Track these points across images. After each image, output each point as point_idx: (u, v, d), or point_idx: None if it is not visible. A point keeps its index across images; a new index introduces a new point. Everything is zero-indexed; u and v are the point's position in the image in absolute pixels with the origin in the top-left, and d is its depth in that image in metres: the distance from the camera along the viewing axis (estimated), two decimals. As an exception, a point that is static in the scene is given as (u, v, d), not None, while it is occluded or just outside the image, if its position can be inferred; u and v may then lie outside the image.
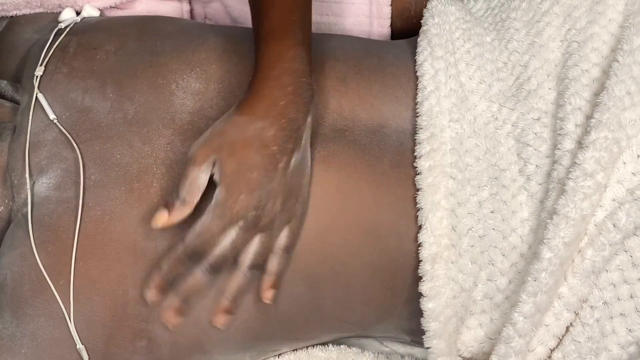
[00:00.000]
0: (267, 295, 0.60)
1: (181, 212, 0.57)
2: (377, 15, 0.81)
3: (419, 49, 0.69)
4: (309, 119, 0.60)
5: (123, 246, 0.61)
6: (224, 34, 0.71)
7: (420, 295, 0.61)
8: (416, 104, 0.66)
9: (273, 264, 0.60)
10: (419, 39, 0.70)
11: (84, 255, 0.60)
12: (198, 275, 0.58)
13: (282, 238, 0.60)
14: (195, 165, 0.57)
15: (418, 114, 0.65)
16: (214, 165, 0.57)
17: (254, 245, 0.58)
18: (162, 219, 0.57)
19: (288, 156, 0.58)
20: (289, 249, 0.60)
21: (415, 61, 0.69)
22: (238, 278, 0.59)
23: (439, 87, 0.66)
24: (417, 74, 0.67)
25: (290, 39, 0.60)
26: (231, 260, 0.58)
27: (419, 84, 0.67)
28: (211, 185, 0.58)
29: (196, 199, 0.57)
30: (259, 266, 0.59)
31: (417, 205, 0.62)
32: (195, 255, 0.57)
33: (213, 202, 0.57)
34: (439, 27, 0.70)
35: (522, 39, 0.68)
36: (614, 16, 0.65)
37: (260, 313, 0.63)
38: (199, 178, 0.57)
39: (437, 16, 0.71)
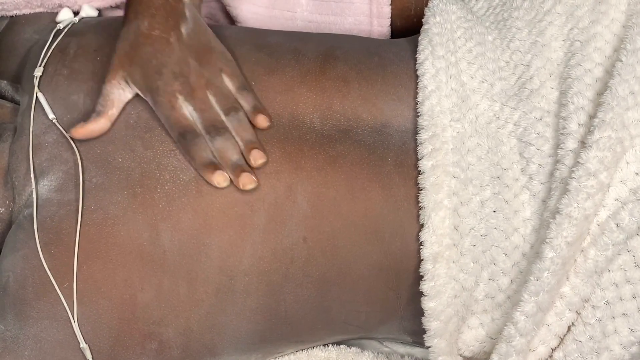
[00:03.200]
0: (259, 120, 0.64)
1: (96, 122, 0.63)
2: (377, 15, 0.81)
3: (419, 48, 0.69)
4: None
5: (128, 250, 0.60)
6: (228, 35, 0.70)
7: (422, 294, 0.61)
8: (417, 103, 0.66)
9: (243, 101, 0.64)
10: (420, 38, 0.70)
11: (87, 258, 0.60)
12: (214, 142, 0.62)
13: (227, 84, 0.64)
14: (107, 82, 0.63)
15: (419, 114, 0.65)
16: (127, 83, 0.63)
17: (211, 98, 0.63)
18: (79, 129, 0.63)
19: (175, 30, 0.64)
20: (240, 88, 0.65)
21: (416, 60, 0.68)
22: (228, 124, 0.63)
23: (439, 86, 0.66)
24: (418, 72, 0.67)
25: None
26: (213, 121, 0.62)
27: (419, 83, 0.66)
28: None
29: (110, 110, 0.63)
30: (233, 108, 0.63)
31: (420, 204, 0.62)
32: (189, 134, 0.62)
33: (153, 107, 0.63)
34: (441, 26, 0.69)
35: (524, 38, 0.68)
36: (616, 16, 0.65)
37: (271, 316, 0.64)
38: (112, 93, 0.63)
39: (439, 15, 0.70)
